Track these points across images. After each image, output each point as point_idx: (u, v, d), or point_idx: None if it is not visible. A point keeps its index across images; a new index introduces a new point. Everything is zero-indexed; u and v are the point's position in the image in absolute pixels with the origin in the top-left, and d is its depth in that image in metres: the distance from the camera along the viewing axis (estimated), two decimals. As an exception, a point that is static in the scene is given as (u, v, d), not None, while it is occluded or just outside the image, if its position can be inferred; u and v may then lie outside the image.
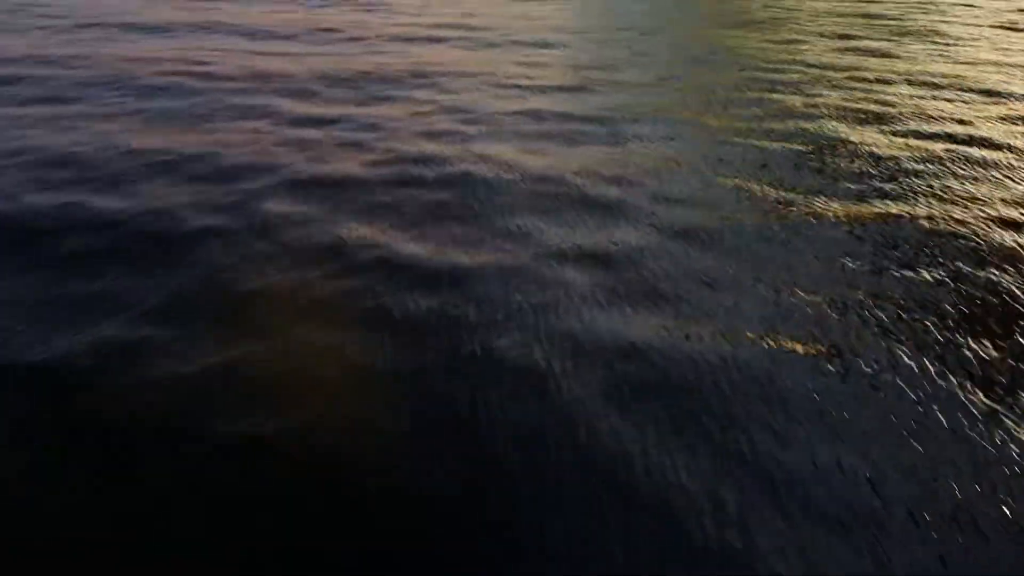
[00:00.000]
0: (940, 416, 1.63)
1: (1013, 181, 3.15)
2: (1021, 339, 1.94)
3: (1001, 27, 7.64)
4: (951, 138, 3.79)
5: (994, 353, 1.88)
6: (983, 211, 2.82)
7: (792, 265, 2.34)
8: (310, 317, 1.98)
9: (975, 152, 3.56)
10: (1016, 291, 2.19)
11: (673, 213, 2.74)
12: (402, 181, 3.04)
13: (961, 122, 4.09)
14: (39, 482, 1.40)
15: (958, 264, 2.37)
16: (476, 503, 1.37)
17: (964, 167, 3.34)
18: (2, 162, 3.16)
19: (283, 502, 1.36)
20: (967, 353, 1.88)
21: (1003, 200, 2.93)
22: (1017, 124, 4.05)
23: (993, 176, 3.21)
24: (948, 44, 6.58)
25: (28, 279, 2.15)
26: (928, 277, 2.28)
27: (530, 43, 6.52)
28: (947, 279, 2.27)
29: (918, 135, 3.84)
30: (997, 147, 3.64)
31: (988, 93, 4.79)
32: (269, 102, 4.34)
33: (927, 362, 1.83)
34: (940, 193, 3.00)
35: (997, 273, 2.31)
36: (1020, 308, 2.10)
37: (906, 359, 1.84)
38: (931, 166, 3.34)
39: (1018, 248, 2.49)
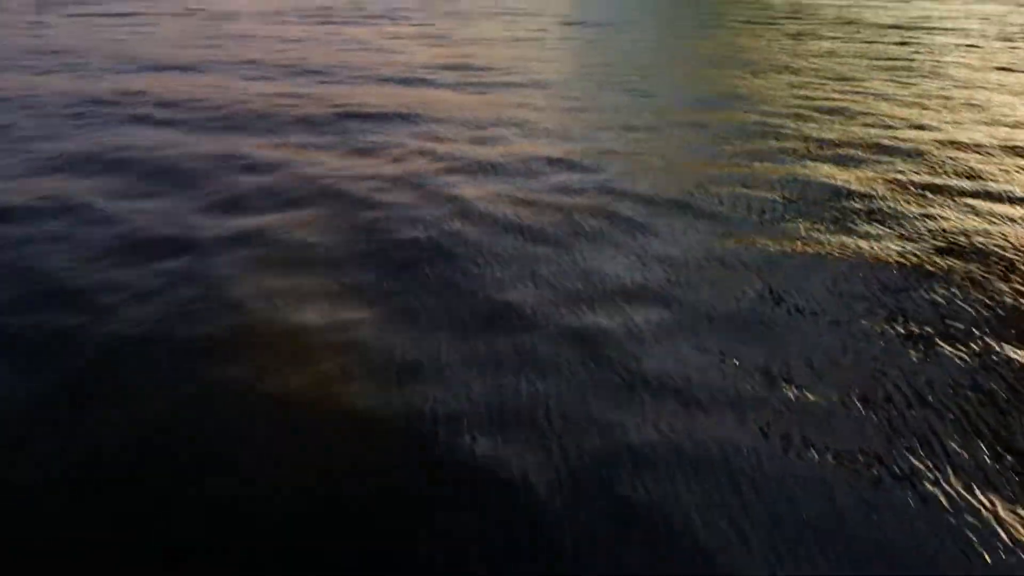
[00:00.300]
0: (1010, 526, 1.38)
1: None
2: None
3: (1005, 70, 7.54)
4: (970, 190, 3.59)
5: (1061, 445, 1.63)
6: None
7: (816, 340, 2.09)
8: (263, 393, 1.73)
9: (1004, 207, 3.35)
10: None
11: (679, 278, 2.50)
12: (376, 238, 2.79)
13: (982, 172, 3.90)
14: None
15: (1007, 335, 2.13)
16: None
17: (994, 221, 3.12)
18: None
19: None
20: (1028, 445, 1.63)
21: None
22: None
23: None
24: (956, 87, 6.45)
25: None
26: (975, 348, 2.04)
27: (528, 84, 6.37)
28: (996, 352, 2.03)
29: (948, 190, 3.64)
30: (1021, 201, 3.44)
31: (1004, 139, 4.61)
32: (245, 147, 4.13)
33: (986, 458, 1.58)
34: (979, 247, 2.77)
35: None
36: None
37: (962, 454, 1.59)
38: (958, 218, 3.12)
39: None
